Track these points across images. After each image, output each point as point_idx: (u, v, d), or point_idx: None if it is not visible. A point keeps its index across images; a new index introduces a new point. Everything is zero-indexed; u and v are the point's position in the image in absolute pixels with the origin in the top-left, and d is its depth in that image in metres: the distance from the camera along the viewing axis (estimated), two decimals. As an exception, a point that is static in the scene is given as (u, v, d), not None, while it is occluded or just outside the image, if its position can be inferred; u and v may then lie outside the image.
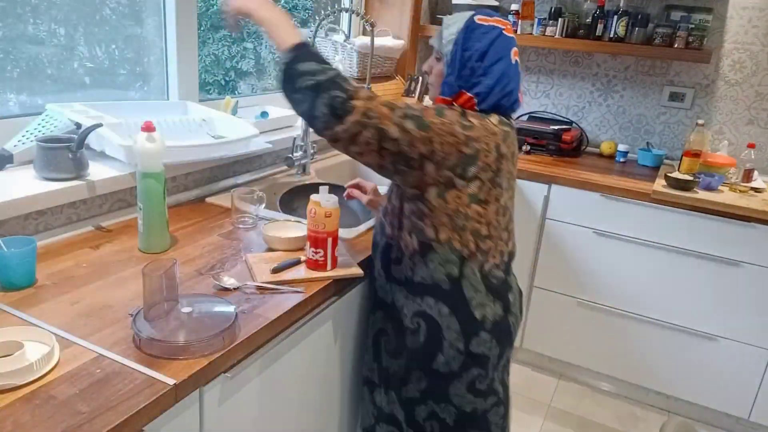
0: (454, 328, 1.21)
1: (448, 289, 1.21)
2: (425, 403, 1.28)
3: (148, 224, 1.25)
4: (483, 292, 1.23)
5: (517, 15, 2.61)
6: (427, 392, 1.27)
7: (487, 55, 1.20)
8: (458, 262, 1.20)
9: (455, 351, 1.22)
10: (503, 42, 1.21)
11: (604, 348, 2.40)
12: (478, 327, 1.23)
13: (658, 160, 2.52)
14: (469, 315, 1.22)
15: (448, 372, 1.24)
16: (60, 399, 0.79)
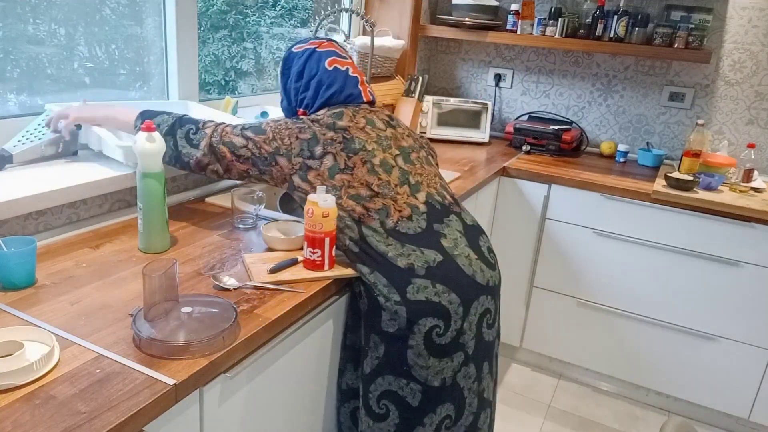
0: (382, 282, 1.23)
1: (357, 251, 1.28)
2: (382, 377, 1.25)
3: (148, 224, 1.25)
4: (396, 243, 1.26)
5: (517, 15, 2.61)
6: (384, 362, 1.24)
7: (304, 73, 1.43)
8: (356, 227, 1.29)
9: (393, 303, 1.22)
10: (315, 58, 1.43)
11: (604, 348, 2.40)
12: (408, 275, 1.23)
13: (658, 160, 2.52)
14: (390, 266, 1.24)
15: (397, 329, 1.22)
16: (60, 399, 0.79)
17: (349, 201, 1.30)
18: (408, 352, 1.22)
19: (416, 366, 1.22)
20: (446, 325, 1.22)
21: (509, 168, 2.38)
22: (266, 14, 2.25)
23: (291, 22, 2.39)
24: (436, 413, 1.25)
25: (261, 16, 2.22)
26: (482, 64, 2.96)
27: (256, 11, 2.19)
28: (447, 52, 3.04)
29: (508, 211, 2.45)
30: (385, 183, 1.33)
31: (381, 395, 1.26)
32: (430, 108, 2.67)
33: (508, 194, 2.42)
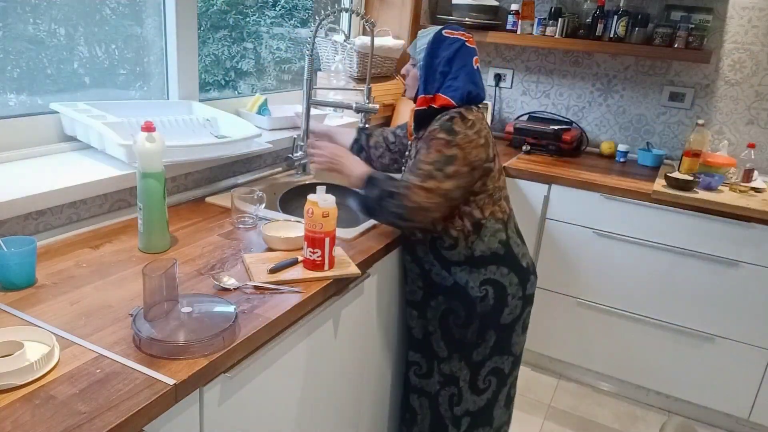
0: (515, 282, 1.48)
1: (503, 253, 1.47)
2: (491, 359, 1.53)
3: (148, 224, 1.25)
4: (521, 243, 1.53)
5: (517, 15, 2.61)
6: (494, 348, 1.52)
7: (454, 61, 1.45)
8: (503, 228, 1.48)
9: (517, 299, 1.49)
10: (466, 51, 1.46)
11: (604, 348, 2.40)
12: (528, 273, 1.52)
13: (658, 160, 2.52)
14: (520, 266, 1.50)
15: (512, 320, 1.51)
16: (60, 399, 0.79)
17: (504, 203, 1.49)
18: (513, 335, 1.53)
19: (515, 343, 1.55)
20: (531, 309, 1.58)
21: (509, 168, 2.38)
22: (266, 14, 2.25)
23: (291, 22, 2.39)
24: (513, 375, 1.60)
25: (261, 16, 2.22)
26: (482, 64, 2.96)
27: (256, 11, 2.19)
28: (447, 52, 3.03)
29: (508, 211, 2.44)
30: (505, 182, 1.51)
31: (488, 374, 1.55)
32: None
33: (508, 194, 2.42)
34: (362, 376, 1.56)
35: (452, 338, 1.55)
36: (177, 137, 1.56)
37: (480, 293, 1.47)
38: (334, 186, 1.81)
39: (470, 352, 1.53)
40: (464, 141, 1.36)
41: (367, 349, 1.55)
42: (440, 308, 1.55)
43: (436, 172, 1.34)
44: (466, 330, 1.52)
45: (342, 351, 1.41)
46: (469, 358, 1.53)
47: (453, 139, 1.35)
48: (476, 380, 1.55)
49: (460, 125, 1.37)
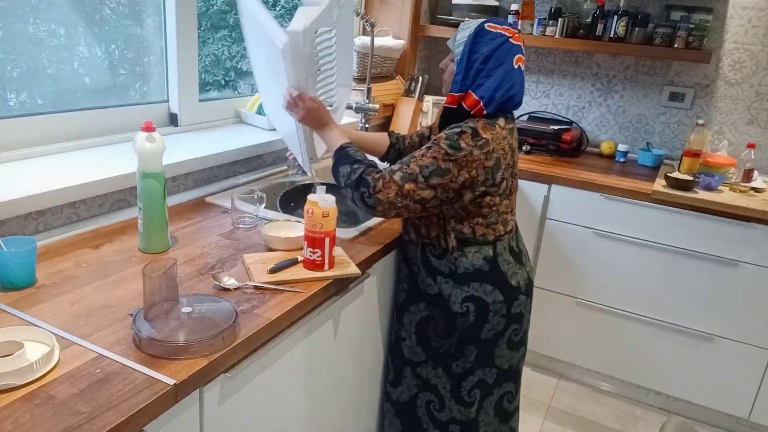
0: (498, 299, 1.42)
1: (488, 270, 1.41)
2: (473, 374, 1.48)
3: (148, 224, 1.25)
4: (513, 262, 1.45)
5: (517, 15, 2.61)
6: (476, 362, 1.47)
7: (491, 59, 1.34)
8: (492, 246, 1.41)
9: (499, 317, 1.43)
10: (507, 48, 1.35)
11: (604, 348, 2.40)
12: (517, 292, 1.44)
13: (658, 160, 2.52)
14: (508, 285, 1.43)
15: (493, 335, 1.45)
16: (60, 399, 0.79)
17: (500, 226, 1.41)
18: (495, 350, 1.47)
19: (498, 357, 1.49)
20: (521, 328, 1.50)
21: (509, 168, 2.38)
22: (266, 14, 2.24)
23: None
24: (501, 387, 1.53)
25: (261, 16, 2.22)
26: (482, 64, 2.96)
27: (256, 11, 2.19)
28: (447, 52, 3.03)
29: (508, 211, 2.44)
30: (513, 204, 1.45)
31: (472, 387, 1.50)
32: (430, 108, 2.66)
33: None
34: (362, 376, 1.56)
35: (429, 345, 1.51)
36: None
37: (461, 309, 1.42)
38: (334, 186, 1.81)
39: (449, 363, 1.49)
40: (465, 159, 1.28)
41: (367, 349, 1.55)
42: (420, 314, 1.51)
43: (419, 177, 1.27)
44: (444, 341, 1.48)
45: (342, 351, 1.41)
46: (448, 369, 1.50)
47: (453, 154, 1.27)
48: (459, 392, 1.50)
49: (467, 141, 1.28)
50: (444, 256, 1.42)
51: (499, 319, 1.43)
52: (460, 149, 1.28)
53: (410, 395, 1.57)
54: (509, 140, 1.36)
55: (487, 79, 1.33)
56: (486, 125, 1.32)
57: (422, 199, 1.29)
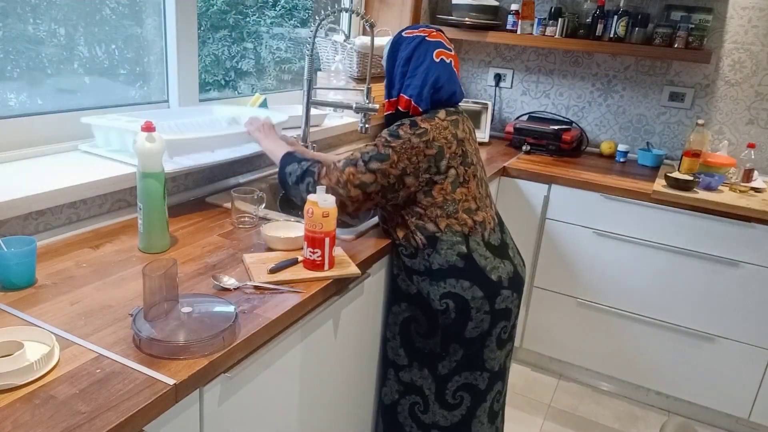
0: (478, 295, 1.41)
1: (462, 266, 1.40)
2: (459, 375, 1.47)
3: (148, 224, 1.25)
4: (491, 257, 1.43)
5: (517, 15, 2.61)
6: (462, 362, 1.46)
7: (412, 59, 1.43)
8: (463, 240, 1.40)
9: (482, 313, 1.42)
10: (424, 47, 1.43)
11: (604, 348, 2.40)
12: (498, 287, 1.43)
13: (658, 160, 2.52)
14: (486, 279, 1.42)
15: (479, 334, 1.44)
16: (60, 399, 0.79)
17: (464, 215, 1.41)
18: (485, 350, 1.46)
19: (488, 359, 1.47)
20: (509, 324, 1.50)
21: (509, 168, 2.38)
22: (266, 14, 2.24)
23: (291, 22, 2.39)
24: (493, 390, 1.52)
25: (261, 16, 2.22)
26: (482, 64, 2.97)
27: (256, 11, 2.19)
28: (447, 52, 3.03)
29: (509, 211, 2.44)
30: (482, 196, 1.46)
31: (457, 389, 1.48)
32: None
33: (508, 194, 2.42)
34: (362, 376, 1.56)
35: (413, 347, 1.50)
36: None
37: (441, 306, 1.42)
38: None
39: (435, 363, 1.48)
40: (404, 146, 1.34)
41: (367, 349, 1.55)
42: (402, 315, 1.51)
43: (359, 162, 1.34)
44: (428, 340, 1.47)
45: (342, 351, 1.41)
46: (434, 370, 1.48)
47: (393, 141, 1.35)
48: (444, 394, 1.49)
49: (406, 130, 1.36)
50: (416, 255, 1.43)
51: (483, 317, 1.42)
52: (399, 137, 1.35)
53: (392, 399, 1.57)
54: (452, 130, 1.40)
55: (413, 78, 1.42)
56: (424, 118, 1.40)
57: (362, 183, 1.33)
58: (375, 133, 2.65)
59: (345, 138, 2.40)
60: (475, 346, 1.45)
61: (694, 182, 2.12)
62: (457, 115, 1.45)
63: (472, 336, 1.43)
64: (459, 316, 1.42)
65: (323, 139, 2.24)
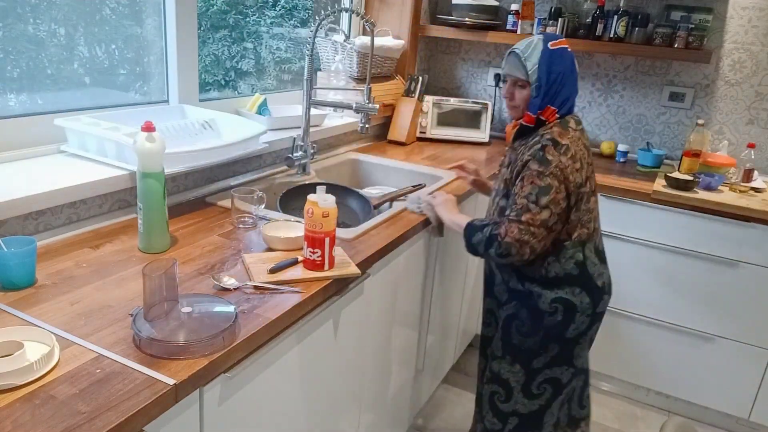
0: (586, 301, 1.47)
1: (577, 274, 1.46)
2: (550, 368, 1.54)
3: (148, 224, 1.25)
4: (598, 263, 1.50)
5: (517, 15, 2.61)
6: (555, 358, 1.52)
7: (565, 73, 1.45)
8: (581, 249, 1.46)
9: (585, 316, 1.49)
10: (571, 58, 1.47)
11: (604, 348, 2.40)
12: (602, 292, 1.50)
13: (658, 160, 2.52)
14: (595, 286, 1.48)
15: (577, 334, 1.50)
16: (60, 399, 0.79)
17: (592, 223, 1.47)
18: (576, 348, 1.53)
19: (577, 356, 1.54)
20: (599, 326, 1.57)
21: (509, 168, 2.37)
22: (266, 14, 2.25)
23: (291, 22, 2.39)
24: (571, 385, 1.58)
25: (261, 16, 2.22)
26: (482, 64, 2.96)
27: (256, 11, 2.19)
28: (447, 52, 3.04)
29: (508, 211, 2.44)
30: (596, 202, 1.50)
31: (543, 381, 1.55)
32: (430, 108, 2.67)
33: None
34: (362, 376, 1.56)
35: (510, 342, 1.56)
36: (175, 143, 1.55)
37: (550, 309, 1.48)
38: (335, 186, 1.81)
39: (530, 359, 1.54)
40: (558, 169, 1.36)
41: (367, 349, 1.55)
42: (509, 311, 1.56)
43: (531, 205, 1.35)
44: (527, 339, 1.52)
45: (342, 351, 1.41)
46: (527, 365, 1.54)
47: (546, 169, 1.35)
48: (530, 386, 1.56)
49: (552, 153, 1.36)
50: (533, 263, 1.46)
51: (584, 319, 1.49)
52: (549, 162, 1.36)
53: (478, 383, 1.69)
54: (583, 140, 1.45)
55: (563, 89, 1.44)
56: (561, 132, 1.41)
57: (543, 221, 1.35)
58: (375, 133, 2.65)
59: (345, 138, 2.40)
60: (570, 345, 1.51)
61: (694, 182, 2.12)
62: (581, 125, 1.49)
63: (570, 336, 1.50)
64: (565, 319, 1.48)
65: (323, 139, 2.24)
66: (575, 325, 1.49)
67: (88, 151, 1.46)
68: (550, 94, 1.45)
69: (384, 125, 2.66)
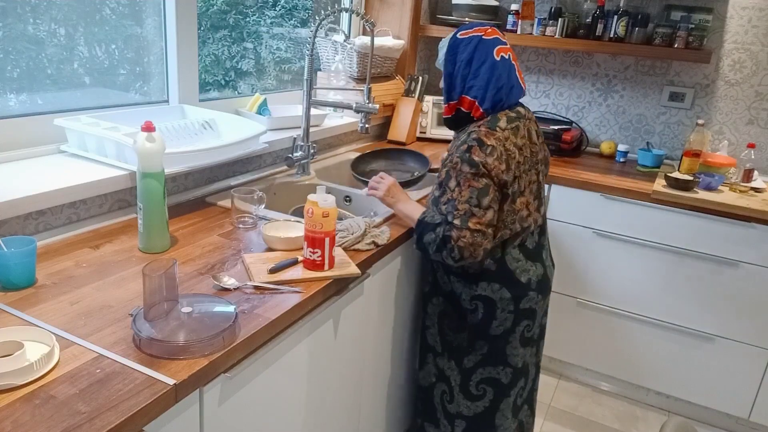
0: (506, 297, 1.47)
1: (494, 269, 1.45)
2: (483, 368, 1.54)
3: (148, 224, 1.25)
4: (523, 260, 1.47)
5: (517, 15, 2.61)
6: (487, 357, 1.53)
7: (473, 60, 1.42)
8: (500, 245, 1.44)
9: (507, 313, 1.48)
10: (484, 45, 1.42)
11: (604, 348, 2.40)
12: (526, 289, 1.48)
13: (658, 160, 2.52)
14: (516, 282, 1.47)
15: (503, 331, 1.50)
16: (60, 399, 0.79)
17: (517, 224, 1.43)
18: (507, 347, 1.52)
19: (511, 355, 1.53)
20: (533, 323, 1.54)
21: (509, 168, 2.37)
22: (266, 14, 2.25)
23: (291, 22, 2.39)
24: (516, 386, 1.57)
25: (261, 16, 2.22)
26: (482, 64, 2.96)
27: (256, 11, 2.19)
28: (447, 52, 3.03)
29: (508, 211, 2.44)
30: (533, 202, 1.47)
31: (480, 381, 1.55)
32: (429, 108, 2.67)
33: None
34: (362, 376, 1.56)
35: (445, 338, 1.59)
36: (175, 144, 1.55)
37: (470, 306, 1.50)
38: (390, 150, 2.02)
39: (461, 357, 1.56)
40: (486, 169, 1.34)
41: (367, 349, 1.55)
42: (439, 308, 1.59)
43: (474, 209, 1.33)
44: (457, 335, 1.56)
45: (342, 351, 1.41)
46: (459, 362, 1.57)
47: (476, 170, 1.33)
48: (468, 386, 1.57)
49: (478, 154, 1.34)
50: None
51: (506, 315, 1.49)
52: (476, 164, 1.33)
53: (429, 382, 1.66)
54: (513, 140, 1.39)
55: (476, 79, 1.41)
56: (488, 132, 1.37)
57: (489, 221, 1.34)
58: (375, 133, 2.65)
59: (345, 138, 2.40)
60: (499, 343, 1.51)
61: (694, 182, 2.12)
62: (518, 121, 1.43)
63: (496, 333, 1.50)
64: (485, 316, 1.49)
65: (323, 139, 2.24)
66: (497, 321, 1.49)
67: (88, 151, 1.46)
68: (457, 84, 1.43)
69: (384, 125, 2.66)
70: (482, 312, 1.49)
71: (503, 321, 1.49)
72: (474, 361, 1.54)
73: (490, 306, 1.48)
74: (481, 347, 1.53)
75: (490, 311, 1.48)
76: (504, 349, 1.52)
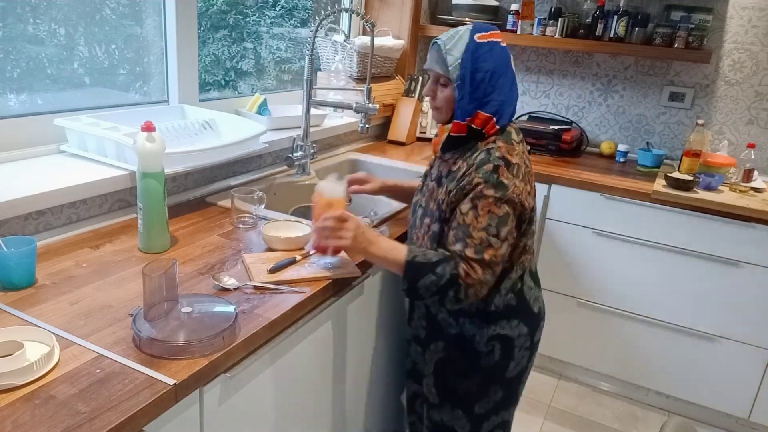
0: (524, 332, 1.31)
1: (515, 304, 1.29)
2: (497, 414, 1.37)
3: (148, 224, 1.25)
4: (534, 287, 1.33)
5: (517, 15, 2.61)
6: (501, 401, 1.36)
7: (495, 72, 1.21)
8: (520, 274, 1.29)
9: (524, 350, 1.33)
10: (504, 55, 1.23)
11: (604, 348, 2.40)
12: (539, 319, 1.34)
13: (658, 160, 2.52)
14: (531, 313, 1.32)
15: (519, 371, 1.35)
16: (60, 399, 0.79)
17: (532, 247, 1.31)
18: (521, 387, 1.39)
19: (520, 392, 1.40)
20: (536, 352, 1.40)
21: (509, 168, 2.37)
22: (266, 14, 2.25)
23: (291, 22, 2.39)
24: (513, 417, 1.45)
25: (261, 16, 2.22)
26: (482, 64, 2.96)
27: (256, 11, 2.19)
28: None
29: (508, 211, 2.44)
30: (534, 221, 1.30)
31: (495, 427, 1.39)
32: (429, 108, 2.66)
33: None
34: (362, 376, 1.56)
35: (446, 386, 1.38)
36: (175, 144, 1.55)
37: (486, 348, 1.30)
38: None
39: (471, 403, 1.36)
40: (514, 194, 1.17)
41: (367, 349, 1.55)
42: (438, 355, 1.38)
43: (492, 239, 1.15)
44: (465, 380, 1.35)
45: (342, 351, 1.41)
46: (469, 410, 1.36)
47: (504, 195, 1.16)
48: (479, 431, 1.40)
49: (507, 176, 1.16)
50: None
51: (523, 353, 1.33)
52: (506, 187, 1.16)
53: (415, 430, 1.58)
54: (526, 153, 1.28)
55: (494, 93, 1.21)
56: (509, 147, 1.21)
57: (503, 255, 1.18)
58: (375, 133, 2.65)
59: (345, 138, 2.40)
60: (513, 385, 1.36)
61: (694, 182, 2.12)
62: (521, 134, 1.29)
63: (512, 375, 1.34)
64: (503, 358, 1.31)
65: (323, 139, 2.24)
66: (515, 362, 1.32)
67: (88, 151, 1.47)
68: (477, 98, 1.21)
69: (384, 125, 2.66)
70: (499, 353, 1.30)
71: (520, 360, 1.32)
72: (486, 407, 1.35)
73: (507, 345, 1.29)
74: (494, 393, 1.34)
75: (507, 352, 1.30)
76: (518, 389, 1.38)
